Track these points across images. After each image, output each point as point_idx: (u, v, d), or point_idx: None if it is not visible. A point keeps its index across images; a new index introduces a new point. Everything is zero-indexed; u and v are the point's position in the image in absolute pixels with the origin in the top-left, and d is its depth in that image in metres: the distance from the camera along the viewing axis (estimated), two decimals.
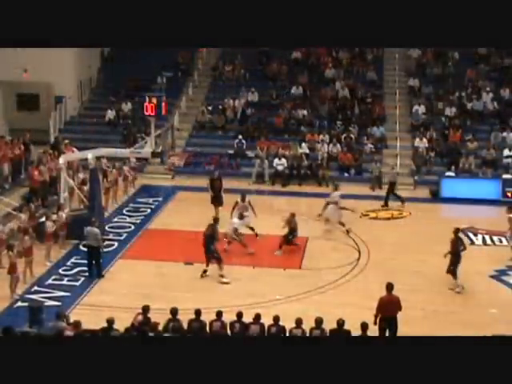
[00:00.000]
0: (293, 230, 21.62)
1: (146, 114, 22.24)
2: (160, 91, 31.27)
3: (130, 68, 33.94)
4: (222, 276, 19.52)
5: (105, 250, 20.83)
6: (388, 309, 15.52)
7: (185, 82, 34.82)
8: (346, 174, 29.59)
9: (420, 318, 17.36)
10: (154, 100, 21.97)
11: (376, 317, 15.40)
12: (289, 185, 29.02)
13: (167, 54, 33.11)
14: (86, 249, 20.26)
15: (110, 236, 22.56)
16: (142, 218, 24.77)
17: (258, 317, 14.86)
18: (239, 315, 14.93)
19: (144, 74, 33.82)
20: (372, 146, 30.72)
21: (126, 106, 32.82)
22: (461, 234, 20.04)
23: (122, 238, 22.70)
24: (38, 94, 33.12)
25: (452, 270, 19.06)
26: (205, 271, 19.71)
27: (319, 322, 14.46)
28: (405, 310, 16.03)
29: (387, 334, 15.35)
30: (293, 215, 21.80)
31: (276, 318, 14.74)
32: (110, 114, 32.58)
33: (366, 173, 29.54)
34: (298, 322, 14.51)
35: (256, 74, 35.06)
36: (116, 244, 22.13)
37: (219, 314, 14.94)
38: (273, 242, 21.48)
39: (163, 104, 22.31)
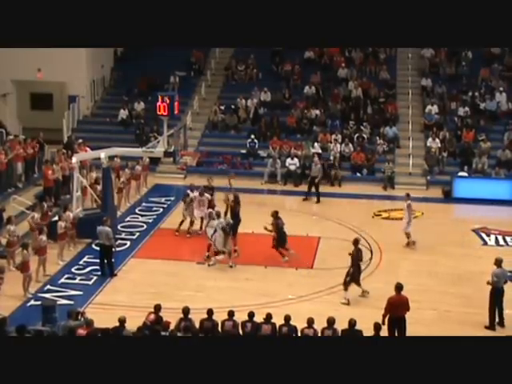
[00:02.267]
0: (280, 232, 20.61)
1: (159, 113, 22.21)
2: (173, 91, 31.38)
3: (143, 67, 33.97)
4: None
5: (117, 249, 20.91)
6: (397, 309, 15.46)
7: (197, 82, 34.83)
8: (358, 174, 29.58)
9: (432, 319, 17.32)
10: (167, 99, 21.94)
11: (384, 317, 15.35)
12: (301, 184, 29.00)
13: (180, 54, 33.13)
14: (98, 248, 20.35)
15: (123, 235, 22.62)
16: (155, 217, 24.82)
17: (269, 316, 14.86)
18: (251, 315, 14.91)
19: (157, 74, 33.84)
20: (385, 146, 30.67)
21: (139, 106, 32.87)
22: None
23: (134, 237, 22.75)
24: (52, 94, 33.31)
25: (347, 281, 18.20)
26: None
27: (331, 321, 14.43)
28: (417, 310, 16.00)
29: (396, 334, 15.31)
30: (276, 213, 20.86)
31: (287, 318, 14.74)
32: (123, 113, 32.65)
33: (378, 173, 29.48)
34: (310, 321, 14.49)
35: (269, 73, 35.07)
36: (128, 243, 22.17)
37: (231, 313, 14.95)
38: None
39: (176, 103, 22.28)
